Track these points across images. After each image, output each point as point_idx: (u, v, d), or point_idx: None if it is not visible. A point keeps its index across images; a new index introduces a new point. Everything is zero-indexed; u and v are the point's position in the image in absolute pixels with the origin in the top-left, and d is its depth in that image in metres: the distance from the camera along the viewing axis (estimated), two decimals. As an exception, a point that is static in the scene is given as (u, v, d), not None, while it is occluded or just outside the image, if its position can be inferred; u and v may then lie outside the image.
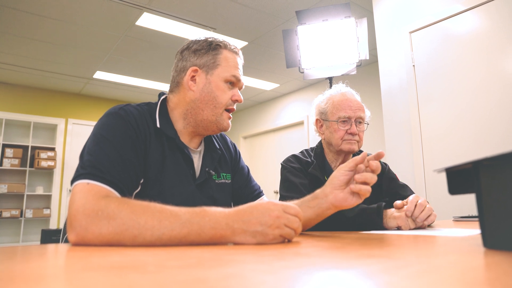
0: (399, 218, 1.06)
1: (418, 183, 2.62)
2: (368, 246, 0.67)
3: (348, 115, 1.40)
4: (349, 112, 1.40)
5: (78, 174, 0.78)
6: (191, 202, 0.94)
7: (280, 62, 4.91)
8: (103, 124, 0.90)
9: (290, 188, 1.32)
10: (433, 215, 1.06)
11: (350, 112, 1.40)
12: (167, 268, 0.43)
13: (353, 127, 1.39)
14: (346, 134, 1.39)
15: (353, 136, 1.40)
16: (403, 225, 1.04)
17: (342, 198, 0.88)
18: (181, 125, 1.04)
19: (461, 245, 0.63)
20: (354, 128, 1.39)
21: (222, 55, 1.05)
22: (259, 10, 3.67)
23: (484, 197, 0.52)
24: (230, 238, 0.68)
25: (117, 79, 5.61)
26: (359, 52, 2.70)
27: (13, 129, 5.86)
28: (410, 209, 1.05)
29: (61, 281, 0.38)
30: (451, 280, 0.35)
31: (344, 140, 1.40)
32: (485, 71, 2.34)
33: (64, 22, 3.84)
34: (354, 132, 1.39)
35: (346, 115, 1.40)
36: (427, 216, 1.04)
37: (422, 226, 1.07)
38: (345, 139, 1.40)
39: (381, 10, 3.04)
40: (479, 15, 2.40)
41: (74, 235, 0.70)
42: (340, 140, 1.40)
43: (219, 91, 1.03)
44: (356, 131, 1.39)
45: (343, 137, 1.40)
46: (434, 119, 2.59)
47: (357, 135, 1.40)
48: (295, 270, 0.42)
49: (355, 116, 1.40)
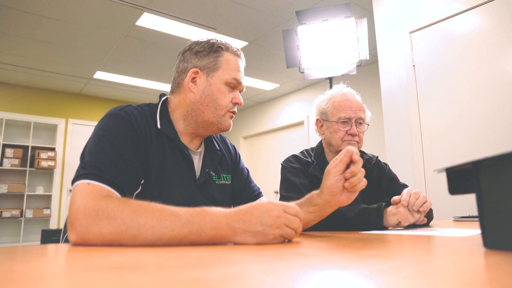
0: (398, 214, 1.08)
1: (418, 183, 2.62)
2: (368, 246, 0.67)
3: (348, 116, 1.39)
4: (349, 113, 1.40)
5: (79, 174, 0.79)
6: (192, 203, 0.94)
7: (280, 62, 4.91)
8: (104, 124, 0.90)
9: (290, 188, 1.33)
10: (428, 202, 1.09)
11: (350, 113, 1.40)
12: (167, 268, 0.43)
13: (353, 128, 1.39)
14: (346, 135, 1.39)
15: (353, 137, 1.40)
16: (403, 219, 1.06)
17: (344, 200, 0.89)
18: (181, 126, 1.04)
19: (461, 245, 0.63)
20: (354, 129, 1.39)
21: (224, 57, 1.04)
22: (259, 10, 3.67)
23: (485, 197, 0.52)
24: (230, 238, 0.68)
25: (117, 79, 5.61)
26: (359, 52, 2.70)
27: (13, 129, 5.86)
28: (406, 198, 1.08)
29: (61, 281, 0.38)
30: (451, 280, 0.35)
31: (344, 140, 1.40)
32: (485, 71, 2.34)
33: (64, 22, 3.84)
34: (354, 133, 1.39)
35: (347, 116, 1.40)
36: (422, 203, 1.07)
37: (421, 222, 1.09)
38: (345, 140, 1.40)
39: (381, 10, 3.04)
40: (479, 15, 2.40)
41: (75, 235, 0.70)
42: (340, 141, 1.40)
43: (220, 93, 1.03)
44: (356, 132, 1.39)
45: (343, 137, 1.40)
46: (434, 119, 2.59)
47: (357, 136, 1.40)
48: (295, 270, 0.42)
49: (356, 117, 1.40)
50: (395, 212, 1.09)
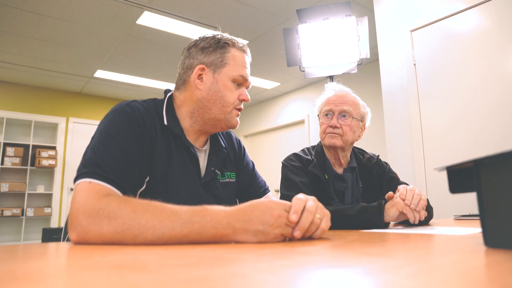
0: (396, 204, 1.09)
1: (419, 181, 2.61)
2: (369, 245, 0.67)
3: (329, 108, 1.41)
4: (331, 105, 1.41)
5: (80, 172, 0.78)
6: (197, 201, 0.93)
7: (280, 60, 4.91)
8: (108, 120, 0.89)
9: (291, 186, 1.32)
10: (422, 200, 1.10)
11: (332, 106, 1.41)
12: (168, 267, 0.43)
13: (333, 120, 1.39)
14: (328, 128, 1.40)
15: (334, 129, 1.39)
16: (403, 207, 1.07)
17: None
18: (187, 123, 1.03)
19: (462, 243, 0.63)
20: (334, 121, 1.39)
21: (230, 53, 1.03)
22: (260, 8, 3.66)
23: (485, 196, 0.52)
24: (231, 237, 0.68)
25: (118, 78, 5.61)
26: (360, 50, 2.69)
27: (14, 128, 5.86)
28: (403, 192, 1.10)
29: (62, 280, 0.38)
30: (452, 279, 0.35)
31: (327, 133, 1.40)
32: (486, 70, 2.33)
33: (65, 21, 3.84)
34: (333, 125, 1.39)
35: (328, 108, 1.41)
36: (417, 201, 1.08)
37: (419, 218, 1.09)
38: (327, 133, 1.41)
39: (382, 9, 3.04)
40: (480, 14, 2.39)
41: (75, 234, 0.70)
42: (323, 134, 1.42)
43: (227, 90, 1.02)
44: (335, 124, 1.38)
45: (325, 130, 1.41)
46: (435, 117, 2.58)
47: (339, 129, 1.38)
48: (296, 269, 0.42)
49: (338, 109, 1.40)
50: (393, 204, 1.10)
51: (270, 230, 0.68)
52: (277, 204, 0.71)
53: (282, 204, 0.71)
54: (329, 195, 1.38)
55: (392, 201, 1.11)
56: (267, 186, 1.24)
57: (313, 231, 0.72)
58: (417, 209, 1.08)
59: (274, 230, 0.68)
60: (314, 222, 0.71)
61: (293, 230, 0.70)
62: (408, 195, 1.09)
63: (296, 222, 0.69)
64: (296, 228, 0.69)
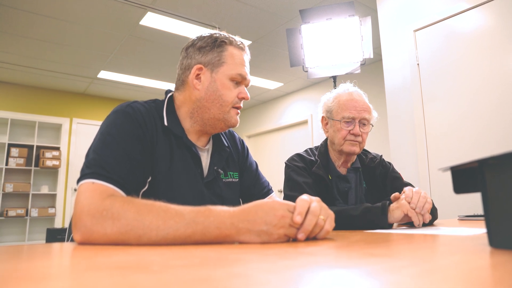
0: (401, 206, 1.08)
1: (423, 182, 2.60)
2: (372, 246, 0.66)
3: (352, 116, 1.38)
4: (354, 113, 1.38)
5: (83, 173, 0.78)
6: (199, 201, 0.93)
7: (284, 61, 4.90)
8: (110, 122, 0.89)
9: (294, 187, 1.32)
10: (428, 204, 1.09)
11: (354, 113, 1.38)
12: (172, 268, 0.43)
13: (356, 128, 1.38)
14: (348, 135, 1.38)
15: (356, 137, 1.38)
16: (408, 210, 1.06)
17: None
18: (188, 123, 1.03)
19: (467, 244, 0.63)
20: (357, 129, 1.38)
21: (228, 52, 1.02)
22: (263, 9, 3.66)
23: (490, 196, 0.52)
24: (235, 237, 0.68)
25: (121, 79, 5.63)
26: (363, 50, 2.69)
27: (18, 128, 5.90)
28: (409, 195, 1.09)
29: (66, 280, 0.38)
30: (456, 279, 0.35)
31: (346, 140, 1.39)
32: (489, 69, 2.32)
33: (69, 22, 3.86)
34: (357, 133, 1.38)
35: (350, 116, 1.38)
36: (422, 205, 1.08)
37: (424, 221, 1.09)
38: (347, 140, 1.39)
39: (385, 9, 3.03)
40: (483, 13, 2.38)
41: (79, 235, 0.70)
42: (343, 140, 1.39)
43: (225, 89, 1.01)
44: (359, 132, 1.38)
45: (345, 137, 1.39)
46: (438, 117, 2.57)
47: (360, 136, 1.39)
48: (299, 269, 0.42)
49: (360, 117, 1.39)
50: (398, 206, 1.09)
51: (273, 230, 0.67)
52: (280, 204, 0.70)
53: (286, 204, 0.71)
54: (333, 196, 1.37)
55: (398, 203, 1.10)
56: (271, 187, 1.24)
57: (317, 233, 0.72)
58: (422, 212, 1.07)
59: (277, 230, 0.68)
60: (318, 224, 0.71)
61: (297, 231, 0.70)
62: (414, 197, 1.08)
63: (300, 223, 0.69)
64: (300, 230, 0.69)
